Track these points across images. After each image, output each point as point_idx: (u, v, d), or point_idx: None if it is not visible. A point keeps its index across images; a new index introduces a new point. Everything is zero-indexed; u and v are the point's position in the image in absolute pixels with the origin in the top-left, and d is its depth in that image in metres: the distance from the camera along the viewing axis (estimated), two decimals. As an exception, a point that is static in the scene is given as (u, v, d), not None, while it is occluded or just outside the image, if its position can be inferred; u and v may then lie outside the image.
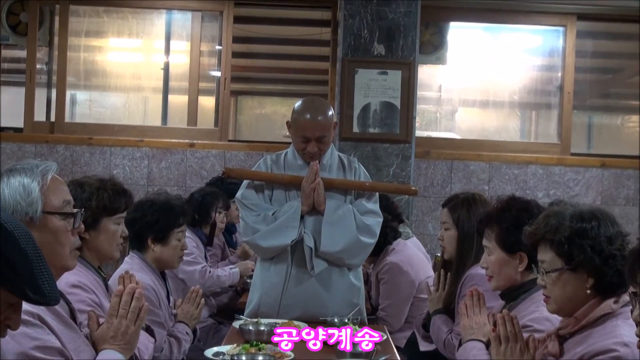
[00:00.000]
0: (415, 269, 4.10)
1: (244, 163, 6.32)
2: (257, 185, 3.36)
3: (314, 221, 3.28)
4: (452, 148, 6.35)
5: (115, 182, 2.62)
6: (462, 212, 3.12)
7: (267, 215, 3.28)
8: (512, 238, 2.54)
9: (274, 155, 3.44)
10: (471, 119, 7.03)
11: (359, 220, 3.30)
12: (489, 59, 6.69)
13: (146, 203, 3.19)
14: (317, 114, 3.26)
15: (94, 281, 2.50)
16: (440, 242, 3.21)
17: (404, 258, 4.11)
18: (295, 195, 3.31)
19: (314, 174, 3.24)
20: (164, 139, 6.36)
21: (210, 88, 6.96)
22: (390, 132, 5.58)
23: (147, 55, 7.00)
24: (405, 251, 4.18)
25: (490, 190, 6.19)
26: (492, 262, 2.61)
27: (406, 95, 5.59)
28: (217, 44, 6.75)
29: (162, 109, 6.83)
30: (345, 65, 5.60)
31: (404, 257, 4.13)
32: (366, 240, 3.31)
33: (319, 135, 3.25)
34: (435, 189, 6.24)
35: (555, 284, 2.09)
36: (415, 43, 5.58)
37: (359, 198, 3.39)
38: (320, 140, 3.26)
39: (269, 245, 3.25)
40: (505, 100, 6.78)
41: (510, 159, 6.28)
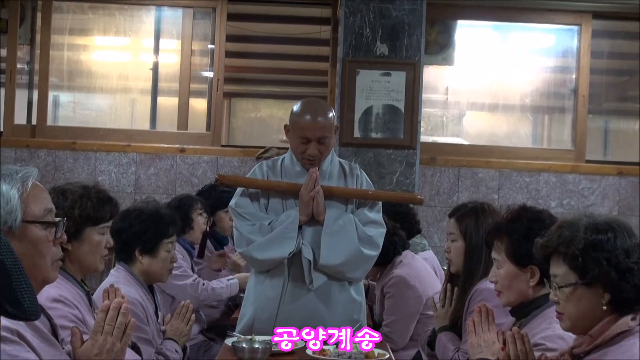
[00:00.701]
0: (423, 283, 4.10)
1: (237, 170, 6.32)
2: (252, 193, 3.36)
3: (312, 232, 3.28)
4: (460, 154, 6.35)
5: (100, 190, 2.62)
6: (470, 222, 3.12)
7: (262, 226, 3.27)
8: (523, 250, 2.54)
9: (270, 161, 3.45)
10: (480, 124, 7.03)
11: (361, 231, 3.30)
12: (499, 60, 6.70)
13: (133, 212, 3.19)
14: (317, 115, 3.27)
15: (77, 295, 2.49)
16: (447, 255, 3.21)
17: (411, 271, 4.11)
18: (293, 204, 3.31)
19: (313, 181, 3.24)
20: (153, 143, 6.36)
21: (202, 89, 6.96)
22: (393, 137, 5.58)
23: (135, 54, 7.00)
24: (414, 264, 4.18)
25: (500, 199, 6.19)
26: (502, 276, 2.61)
27: (411, 97, 5.60)
28: (209, 43, 6.76)
29: (151, 111, 6.83)
30: (346, 66, 5.60)
31: (412, 270, 4.12)
32: (368, 252, 3.31)
33: (320, 135, 3.25)
34: (442, 197, 6.24)
35: (569, 299, 2.09)
36: (420, 42, 5.59)
37: (361, 207, 3.39)
38: (321, 141, 3.26)
39: (265, 257, 3.25)
40: (516, 104, 6.79)
41: (521, 166, 6.28)
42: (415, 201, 3.74)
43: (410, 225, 4.69)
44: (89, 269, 2.58)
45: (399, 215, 4.58)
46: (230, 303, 4.85)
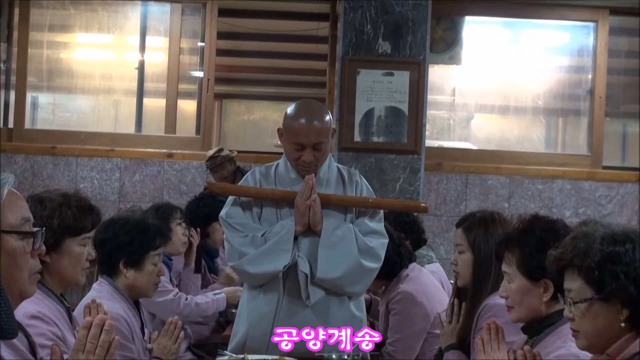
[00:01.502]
0: (431, 300, 4.08)
1: (229, 176, 6.31)
2: (244, 203, 3.36)
3: (309, 243, 3.28)
4: (468, 160, 6.36)
5: (81, 198, 2.62)
6: (479, 233, 3.12)
7: (255, 237, 3.27)
8: (535, 263, 2.54)
9: (263, 167, 3.44)
10: (489, 127, 7.04)
11: (361, 241, 3.30)
12: (510, 59, 6.71)
13: (118, 222, 3.19)
14: (313, 118, 3.26)
15: (56, 311, 2.49)
16: (454, 268, 3.21)
17: (419, 287, 4.09)
18: (288, 213, 3.31)
19: (309, 189, 3.24)
20: (138, 148, 6.36)
21: (191, 90, 6.97)
22: (396, 142, 5.59)
23: (119, 52, 7.01)
24: (421, 278, 4.17)
25: (511, 208, 6.19)
26: (513, 291, 2.61)
27: (415, 99, 5.60)
28: (199, 40, 6.77)
29: (136, 114, 6.83)
30: (346, 65, 5.61)
31: (420, 285, 4.11)
32: (369, 264, 3.31)
33: (316, 141, 3.25)
34: (448, 206, 6.24)
35: (585, 316, 2.09)
36: (425, 40, 5.60)
37: (361, 216, 3.39)
38: (317, 147, 3.26)
39: (258, 271, 3.25)
40: (527, 106, 6.80)
41: (533, 173, 6.29)
42: (419, 209, 3.73)
43: (417, 235, 4.69)
44: (69, 283, 2.58)
45: (404, 225, 4.57)
46: (222, 319, 4.84)
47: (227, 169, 6.10)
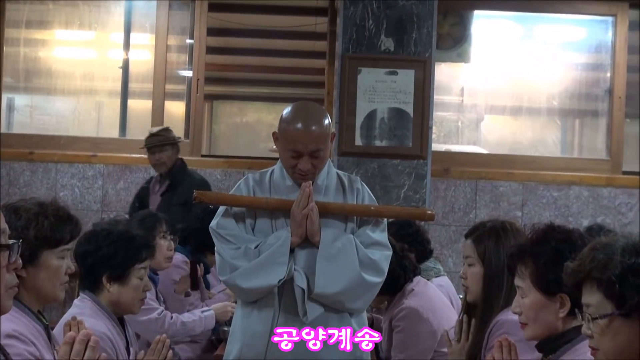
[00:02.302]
0: (438, 316, 4.08)
1: (220, 184, 6.32)
2: (236, 212, 3.35)
3: (306, 255, 3.28)
4: (477, 165, 6.36)
5: (59, 207, 2.61)
6: (489, 244, 3.12)
7: (248, 249, 3.27)
8: (551, 276, 2.54)
9: (257, 174, 3.44)
10: (500, 130, 7.04)
11: (363, 254, 3.30)
12: (522, 56, 6.72)
13: (100, 233, 3.19)
14: (310, 123, 3.26)
15: (34, 330, 2.48)
16: (463, 281, 3.21)
17: (425, 302, 4.09)
18: (284, 223, 3.31)
19: (306, 197, 3.23)
20: (123, 153, 6.36)
21: (179, 91, 6.97)
22: (401, 146, 5.59)
23: (102, 51, 7.02)
24: (427, 293, 4.16)
25: (524, 217, 6.20)
26: (527, 306, 2.61)
27: (420, 100, 5.61)
28: (187, 37, 6.78)
29: (121, 116, 6.84)
30: (346, 64, 5.62)
31: (425, 301, 4.10)
32: (371, 279, 3.30)
33: (313, 148, 3.25)
34: (457, 215, 6.24)
35: (604, 333, 2.09)
36: (431, 36, 5.61)
37: (363, 226, 3.38)
38: (315, 155, 3.26)
39: (251, 285, 3.24)
40: (542, 107, 6.81)
41: (548, 179, 6.29)
42: (425, 217, 3.72)
43: (422, 247, 4.68)
44: (46, 299, 2.58)
45: (407, 237, 4.57)
46: (214, 337, 4.84)
47: (166, 154, 5.91)
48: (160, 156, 5.89)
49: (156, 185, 5.98)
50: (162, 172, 5.91)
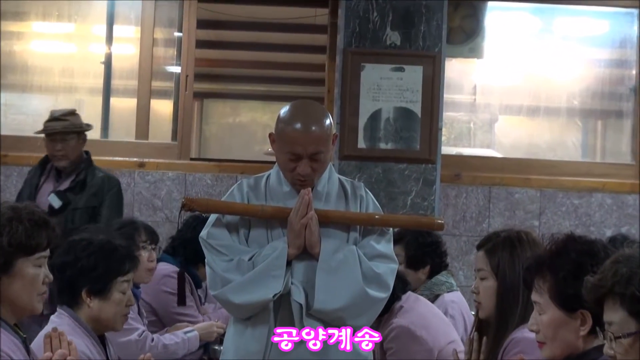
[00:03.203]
0: (432, 332, 4.08)
1: (211, 190, 6.31)
2: (229, 221, 3.35)
3: (305, 268, 3.27)
4: (491, 170, 6.36)
5: (34, 211, 2.62)
6: (504, 255, 3.13)
7: (241, 261, 3.27)
8: (571, 291, 2.54)
9: (251, 179, 3.44)
10: (516, 132, 7.04)
11: (367, 267, 3.30)
12: (540, 51, 6.72)
13: (80, 243, 3.19)
14: (310, 124, 3.27)
15: (11, 344, 2.49)
16: (475, 297, 3.21)
17: (415, 319, 4.09)
18: (281, 233, 3.31)
19: (305, 205, 3.24)
20: (104, 156, 6.35)
21: (166, 89, 6.97)
22: (407, 149, 5.59)
23: (82, 44, 7.02)
24: (418, 309, 4.16)
25: (542, 226, 6.19)
26: (545, 324, 2.61)
27: (429, 99, 5.61)
28: (175, 30, 6.78)
29: (102, 116, 6.83)
30: (348, 59, 5.62)
31: (417, 317, 4.11)
32: (375, 294, 3.30)
33: (313, 151, 3.25)
34: (468, 224, 6.24)
35: (629, 353, 2.09)
36: (441, 29, 5.61)
37: (367, 236, 3.39)
38: (315, 158, 3.26)
39: (244, 301, 3.24)
40: (561, 107, 6.81)
41: (568, 185, 6.29)
42: (434, 226, 3.72)
43: (439, 259, 4.68)
44: (23, 311, 2.58)
45: (425, 247, 4.57)
46: (205, 358, 4.84)
47: (70, 144, 5.42)
48: (63, 146, 5.40)
49: (50, 183, 5.51)
50: (62, 166, 5.44)
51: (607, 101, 6.85)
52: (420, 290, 4.55)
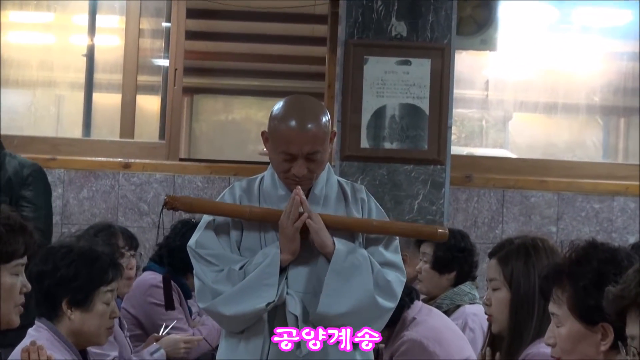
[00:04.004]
0: (446, 347, 4.08)
1: (202, 193, 6.31)
2: (219, 228, 3.34)
3: (301, 276, 3.27)
4: (505, 171, 6.36)
5: (9, 215, 2.62)
6: (518, 264, 3.13)
7: (232, 271, 3.25)
8: (591, 302, 2.54)
9: (244, 181, 3.44)
10: (532, 130, 7.04)
11: (379, 273, 3.29)
12: (558, 44, 6.72)
13: (59, 250, 3.19)
14: (306, 120, 3.26)
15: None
16: (486, 309, 3.21)
17: (428, 332, 4.09)
18: (274, 238, 3.30)
19: (297, 206, 3.23)
20: (86, 156, 6.36)
21: (153, 83, 6.97)
22: (414, 149, 5.59)
23: (62, 35, 7.01)
24: (431, 322, 4.17)
25: (560, 232, 6.19)
26: (563, 337, 2.61)
27: (438, 94, 5.61)
28: (163, 20, 6.78)
29: (84, 113, 6.83)
30: (350, 51, 5.62)
31: (429, 330, 4.11)
32: (385, 303, 3.30)
33: (309, 150, 3.25)
34: (480, 230, 6.24)
35: (654, 369, 2.09)
36: (450, 20, 5.61)
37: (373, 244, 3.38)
38: (311, 157, 3.26)
39: (235, 312, 3.23)
40: (580, 103, 6.81)
41: (588, 188, 6.28)
42: (436, 236, 3.67)
43: (469, 269, 4.68)
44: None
45: (458, 251, 4.57)
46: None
47: None
48: None
49: None
50: None
51: (630, 97, 6.84)
52: (440, 298, 4.55)
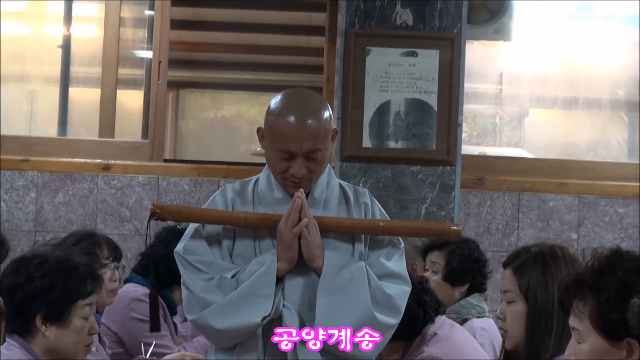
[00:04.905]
0: (466, 365, 4.10)
1: (189, 197, 6.31)
2: (209, 233, 3.35)
3: (299, 287, 3.27)
4: (521, 173, 6.36)
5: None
6: (535, 275, 3.13)
7: (223, 279, 3.26)
8: (616, 316, 2.54)
9: (237, 184, 3.44)
10: (550, 128, 7.04)
11: (376, 287, 3.29)
12: (578, 33, 6.72)
13: (32, 261, 3.19)
14: (305, 115, 3.26)
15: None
16: (501, 323, 3.21)
17: (450, 350, 4.10)
18: (270, 245, 3.30)
19: (297, 210, 3.23)
20: (62, 157, 6.36)
21: (135, 77, 6.97)
22: (422, 148, 5.60)
23: (35, 25, 7.01)
24: (454, 338, 4.17)
25: (581, 239, 6.20)
26: (585, 353, 2.61)
27: (447, 89, 5.61)
28: (146, 8, 6.78)
29: (60, 109, 6.83)
30: (351, 42, 5.62)
31: (451, 348, 4.11)
32: (385, 319, 3.30)
33: (309, 148, 3.25)
34: (494, 237, 6.24)
35: (684, 389, 2.09)
36: (461, 7, 5.62)
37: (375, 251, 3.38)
38: (311, 156, 3.26)
39: (227, 326, 3.23)
40: (603, 98, 6.81)
41: (612, 191, 6.28)
42: (448, 234, 3.69)
43: (482, 279, 4.70)
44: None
45: (473, 262, 4.59)
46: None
47: None
48: None
49: None
50: None
51: (658, 92, 6.86)
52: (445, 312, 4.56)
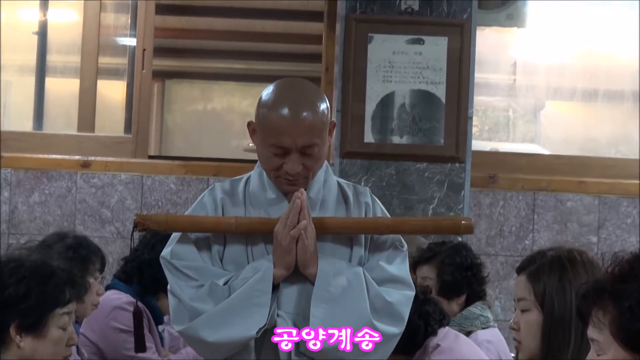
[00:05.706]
0: (470, 378, 4.11)
1: (175, 197, 6.31)
2: (198, 236, 3.35)
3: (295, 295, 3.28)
4: (536, 171, 6.37)
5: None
6: (552, 281, 3.14)
7: (215, 286, 3.26)
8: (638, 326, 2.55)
9: (227, 182, 3.44)
10: (567, 122, 7.05)
11: (376, 294, 3.30)
12: (597, 20, 6.73)
13: (7, 265, 3.19)
14: (300, 107, 3.26)
15: None
16: (514, 334, 3.22)
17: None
18: (264, 250, 3.31)
19: (297, 211, 3.23)
20: (38, 153, 6.36)
21: (118, 66, 6.98)
22: (429, 144, 5.60)
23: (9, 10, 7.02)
24: (459, 350, 4.19)
25: (601, 243, 6.20)
26: (605, 367, 2.62)
27: (456, 79, 5.62)
28: (130, -8, 6.79)
29: (35, 101, 6.84)
30: (352, 29, 5.62)
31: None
32: (387, 328, 3.31)
33: (305, 143, 3.25)
34: (507, 240, 6.25)
35: None
36: (471, -9, 5.64)
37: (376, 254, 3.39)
38: (307, 152, 3.26)
39: (220, 338, 3.24)
40: (624, 90, 6.82)
41: (634, 190, 6.29)
42: (459, 230, 3.69)
43: (480, 286, 4.70)
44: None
45: (465, 270, 4.60)
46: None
47: None
48: None
49: None
50: None
51: (684, 83, 6.86)
52: None
